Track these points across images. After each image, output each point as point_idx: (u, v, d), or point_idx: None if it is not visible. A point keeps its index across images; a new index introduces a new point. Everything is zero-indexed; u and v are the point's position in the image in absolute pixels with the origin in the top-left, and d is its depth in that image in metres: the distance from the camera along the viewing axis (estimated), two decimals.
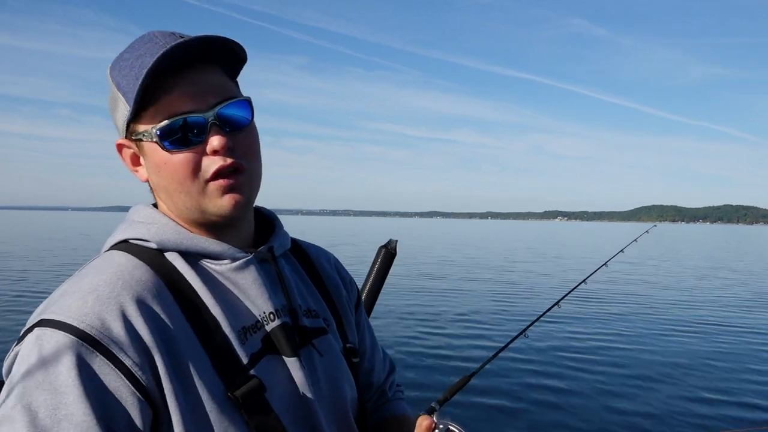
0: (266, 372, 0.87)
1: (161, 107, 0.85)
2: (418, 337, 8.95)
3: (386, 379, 1.25)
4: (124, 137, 0.91)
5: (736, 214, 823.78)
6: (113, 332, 0.76)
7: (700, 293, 15.06)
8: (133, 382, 0.75)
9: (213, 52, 0.87)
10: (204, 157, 0.86)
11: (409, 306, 11.96)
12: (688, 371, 7.24)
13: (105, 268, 0.84)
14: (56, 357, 0.73)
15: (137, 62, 0.85)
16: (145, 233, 0.90)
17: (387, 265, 1.97)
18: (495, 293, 14.35)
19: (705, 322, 10.74)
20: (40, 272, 16.57)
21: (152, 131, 0.85)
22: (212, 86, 0.87)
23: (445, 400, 2.07)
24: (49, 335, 0.75)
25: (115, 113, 0.90)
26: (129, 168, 0.94)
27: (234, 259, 0.91)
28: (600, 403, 5.98)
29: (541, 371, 7.07)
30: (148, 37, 0.88)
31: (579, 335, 9.19)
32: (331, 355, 1.00)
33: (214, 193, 0.87)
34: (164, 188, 0.89)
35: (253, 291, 0.91)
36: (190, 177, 0.86)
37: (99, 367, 0.74)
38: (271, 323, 0.92)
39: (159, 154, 0.86)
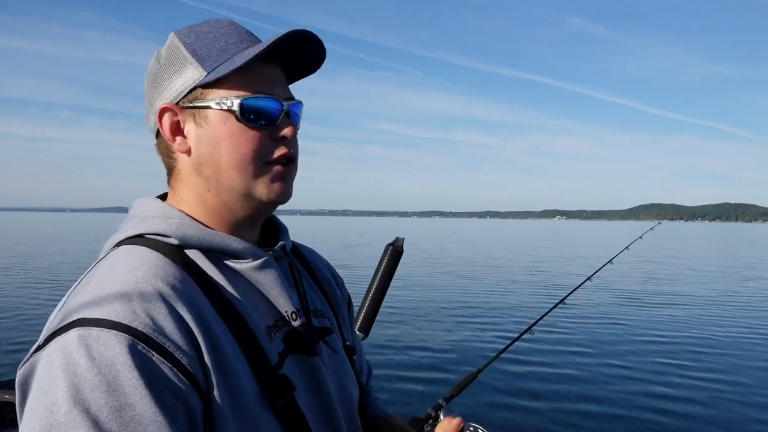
0: (292, 371, 0.87)
1: (245, 82, 0.86)
2: (424, 334, 8.96)
3: (368, 382, 1.26)
4: (174, 103, 0.88)
5: (735, 212, 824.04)
6: (165, 330, 0.73)
7: (705, 290, 15.04)
8: (189, 379, 0.73)
9: (285, 55, 0.91)
10: (271, 141, 0.88)
11: (415, 303, 11.96)
12: (696, 367, 7.22)
13: (136, 263, 0.79)
14: (111, 357, 0.68)
15: (222, 38, 0.88)
16: (165, 228, 0.86)
17: (394, 262, 1.97)
18: (500, 291, 14.36)
19: (712, 318, 10.74)
20: (38, 275, 16.53)
21: (233, 100, 0.85)
22: (284, 82, 0.93)
23: (452, 397, 2.08)
24: (95, 335, 0.69)
25: (174, 77, 0.88)
26: (165, 136, 0.89)
27: (255, 258, 0.90)
28: (607, 399, 5.97)
29: (547, 368, 7.06)
30: (228, 21, 0.92)
31: (585, 332, 9.19)
32: (339, 354, 1.02)
33: (269, 177, 0.88)
34: (215, 162, 0.87)
35: (274, 290, 0.91)
36: (254, 154, 0.86)
37: (158, 365, 0.71)
38: (293, 322, 0.91)
39: (227, 125, 0.86)
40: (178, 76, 0.88)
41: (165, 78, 0.89)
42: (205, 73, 0.86)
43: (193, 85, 0.86)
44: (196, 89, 0.87)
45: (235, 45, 0.87)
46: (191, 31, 0.90)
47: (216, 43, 0.88)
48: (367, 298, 1.96)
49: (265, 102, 0.86)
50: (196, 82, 0.86)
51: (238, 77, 0.86)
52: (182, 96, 0.88)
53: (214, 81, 0.85)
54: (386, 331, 8.94)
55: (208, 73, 0.86)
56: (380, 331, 8.71)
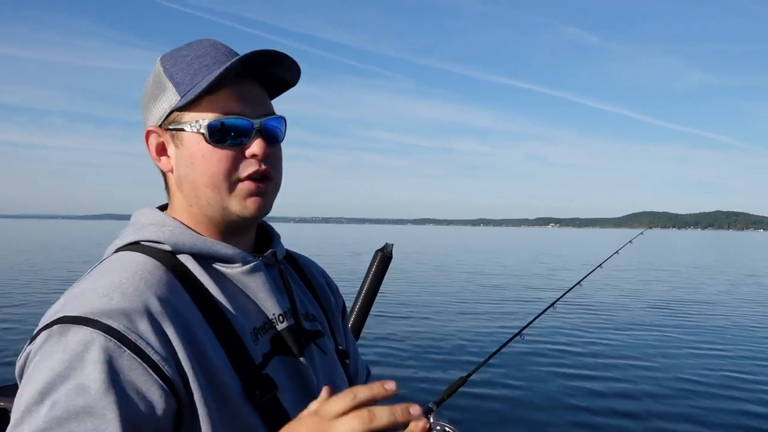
0: (277, 372, 0.91)
1: (214, 104, 0.90)
2: (414, 339, 8.98)
3: (366, 383, 1.29)
4: (157, 125, 0.94)
5: (727, 220, 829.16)
6: (140, 328, 0.77)
7: (695, 295, 15.12)
8: (160, 376, 0.77)
9: (264, 71, 0.94)
10: (242, 159, 0.91)
11: (406, 309, 12.00)
12: (684, 372, 7.26)
13: (125, 267, 0.85)
14: (82, 352, 0.74)
15: (197, 60, 0.92)
16: (159, 235, 0.92)
17: (383, 268, 1.99)
18: (491, 296, 14.44)
19: (699, 323, 10.81)
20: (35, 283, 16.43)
21: (201, 123, 0.89)
22: (260, 98, 0.95)
23: (442, 401, 2.08)
24: (74, 331, 0.75)
25: (157, 101, 0.94)
26: (152, 156, 0.96)
27: (244, 263, 0.94)
28: (595, 404, 6.01)
29: (537, 372, 7.10)
30: (208, 42, 0.96)
31: (575, 336, 9.25)
32: (330, 356, 1.05)
33: (241, 194, 0.91)
34: (192, 181, 0.92)
35: (262, 294, 0.95)
36: (224, 174, 0.90)
37: (127, 361, 0.75)
38: (280, 325, 0.95)
39: (199, 146, 0.90)
40: (159, 101, 0.94)
41: (151, 102, 0.95)
42: (179, 97, 0.91)
43: (170, 110, 0.92)
44: (173, 113, 0.92)
45: (207, 67, 0.91)
46: (172, 56, 0.95)
47: (191, 66, 0.92)
48: (356, 303, 1.97)
49: (233, 122, 0.90)
50: (172, 106, 0.91)
51: (207, 99, 0.90)
52: (163, 119, 0.93)
53: (187, 104, 0.90)
54: (376, 335, 8.95)
55: (181, 97, 0.91)
56: (370, 336, 8.71)
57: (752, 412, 5.94)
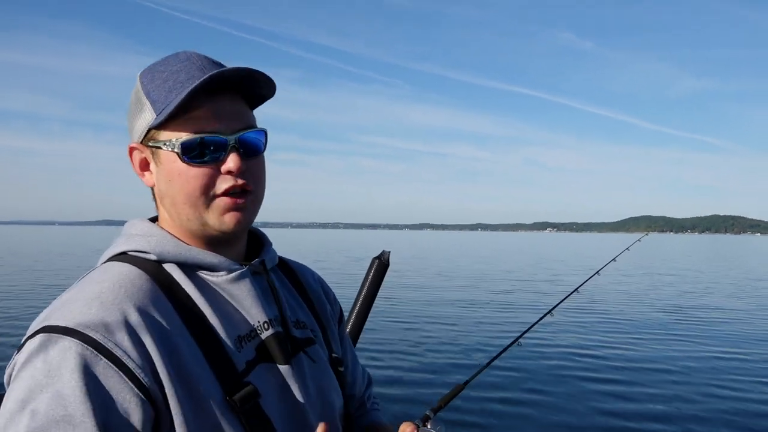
0: (261, 379, 0.91)
1: (188, 122, 0.90)
2: (411, 347, 8.96)
3: (365, 392, 1.30)
4: (139, 142, 0.95)
5: (724, 223, 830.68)
6: (116, 337, 0.79)
7: (692, 301, 15.11)
8: (136, 384, 0.78)
9: (243, 83, 0.94)
10: (218, 175, 0.91)
11: (403, 315, 11.97)
12: (682, 379, 7.26)
13: (107, 277, 0.87)
14: (60, 361, 0.76)
15: (172, 77, 0.92)
16: (144, 245, 0.93)
17: (380, 276, 1.98)
18: (488, 302, 14.39)
19: (698, 328, 10.79)
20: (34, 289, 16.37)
21: (175, 142, 0.90)
22: (237, 113, 0.93)
23: (439, 409, 2.07)
24: (53, 340, 0.78)
25: (136, 118, 0.95)
26: (136, 171, 0.97)
27: (229, 271, 0.95)
28: (593, 411, 5.99)
29: (534, 379, 7.08)
30: (185, 56, 0.94)
31: (572, 343, 9.22)
32: (320, 364, 1.05)
33: (218, 209, 0.92)
34: (171, 197, 0.93)
35: (247, 301, 0.95)
36: (201, 190, 0.91)
37: (103, 369, 0.77)
38: (264, 332, 0.95)
39: (175, 164, 0.91)
40: (139, 118, 0.94)
41: (132, 119, 0.96)
42: (155, 115, 0.91)
43: (148, 128, 0.92)
44: (151, 130, 0.93)
45: (181, 84, 0.90)
46: (150, 71, 0.95)
47: (166, 83, 0.92)
48: (353, 311, 1.96)
49: (207, 139, 0.90)
50: (149, 124, 0.92)
51: (181, 117, 0.89)
52: (143, 136, 0.94)
53: (162, 122, 0.90)
54: (373, 343, 8.92)
55: (156, 116, 0.91)
56: (367, 343, 8.69)
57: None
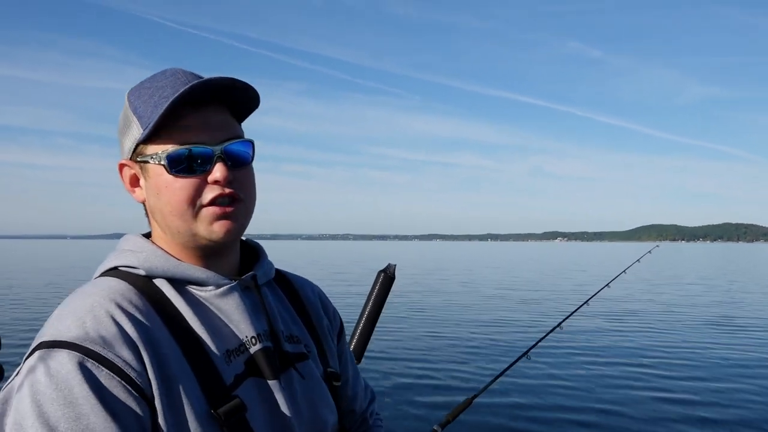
0: (248, 393, 0.91)
1: (174, 135, 0.91)
2: (419, 359, 8.89)
3: (367, 408, 1.28)
4: (128, 158, 0.97)
5: (736, 232, 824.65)
6: (114, 347, 0.80)
7: (705, 314, 14.95)
8: (137, 390, 0.80)
9: (228, 94, 0.95)
10: (205, 185, 0.92)
11: (411, 328, 11.89)
12: (698, 392, 7.14)
13: (96, 291, 0.88)
14: (66, 373, 0.77)
15: (157, 92, 0.93)
16: (134, 261, 0.94)
17: (386, 289, 1.96)
18: (497, 314, 14.25)
19: (717, 342, 10.65)
20: (43, 304, 16.48)
21: (161, 155, 0.91)
22: (222, 124, 0.95)
23: (447, 423, 2.06)
24: (53, 355, 0.78)
25: (126, 135, 0.97)
26: (126, 188, 0.99)
27: (218, 286, 0.96)
28: (605, 424, 5.89)
29: (544, 394, 6.97)
30: (171, 72, 0.96)
31: (582, 356, 9.10)
32: (312, 379, 1.04)
33: (207, 219, 0.92)
34: (160, 210, 0.94)
35: (235, 316, 0.96)
36: (188, 201, 0.92)
37: (106, 379, 0.78)
38: (253, 347, 0.96)
39: (162, 177, 0.92)
40: (127, 134, 0.96)
41: (121, 136, 0.98)
42: (142, 130, 0.93)
43: (135, 143, 0.94)
44: (138, 146, 0.94)
45: (165, 99, 0.91)
46: (138, 89, 0.97)
47: (152, 98, 0.93)
48: (359, 324, 1.94)
49: (193, 151, 0.91)
50: (137, 139, 0.94)
51: (167, 130, 0.91)
52: (131, 152, 0.96)
53: (149, 137, 0.92)
54: (380, 356, 8.87)
55: (143, 130, 0.92)
56: (374, 357, 8.64)
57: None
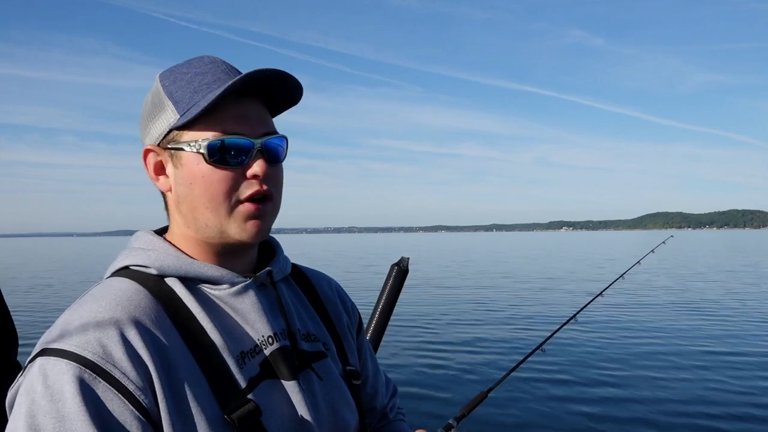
0: (264, 396, 0.88)
1: (214, 124, 0.88)
2: (433, 354, 8.89)
3: (389, 403, 1.25)
4: (155, 144, 0.93)
5: (743, 218, 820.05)
6: (114, 358, 0.77)
7: (726, 300, 14.86)
8: (136, 406, 0.77)
9: (266, 88, 0.92)
10: (243, 180, 0.89)
11: (423, 320, 11.89)
12: (714, 384, 7.11)
13: (104, 295, 0.85)
14: (60, 385, 0.75)
15: (197, 78, 0.90)
16: (145, 259, 0.91)
17: (399, 282, 1.95)
18: (510, 307, 14.20)
19: (734, 330, 10.62)
20: (50, 301, 16.56)
21: (201, 143, 0.88)
22: (261, 118, 0.92)
23: (462, 417, 2.04)
24: (52, 364, 0.76)
25: (155, 119, 0.93)
26: (149, 175, 0.95)
27: (232, 284, 0.92)
28: (621, 418, 5.87)
29: (559, 387, 6.96)
30: (209, 59, 0.94)
31: (598, 348, 9.06)
32: (331, 379, 1.01)
33: (241, 216, 0.89)
34: (190, 202, 0.90)
35: (251, 315, 0.92)
36: (225, 194, 0.88)
37: (102, 392, 0.76)
38: (269, 347, 0.92)
39: (199, 166, 0.88)
40: (158, 119, 0.92)
41: (149, 120, 0.94)
42: (178, 116, 0.89)
43: (169, 128, 0.90)
44: (172, 132, 0.90)
45: (207, 85, 0.89)
46: (172, 73, 0.94)
47: (191, 84, 0.91)
48: (373, 318, 1.93)
49: (234, 141, 0.88)
50: (171, 125, 0.90)
51: (207, 118, 0.88)
52: (162, 138, 0.92)
53: (186, 123, 0.88)
54: (394, 350, 8.88)
55: (180, 116, 0.89)
56: (388, 351, 8.65)
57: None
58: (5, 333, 1.49)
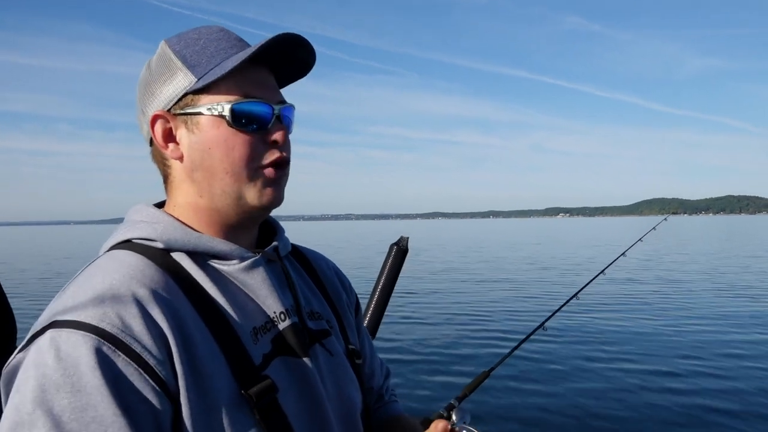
0: (278, 373, 0.87)
1: (234, 87, 0.87)
2: (434, 335, 8.93)
3: (383, 384, 1.26)
4: (165, 110, 0.89)
5: (738, 204, 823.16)
6: (134, 330, 0.74)
7: (718, 283, 14.92)
8: (156, 381, 0.73)
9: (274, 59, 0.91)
10: (263, 145, 0.89)
11: (424, 304, 11.96)
12: (711, 362, 7.15)
13: (115, 267, 0.81)
14: (77, 357, 0.70)
15: (212, 44, 0.89)
16: (150, 232, 0.88)
17: (399, 262, 1.93)
18: (511, 288, 14.32)
19: (732, 310, 10.66)
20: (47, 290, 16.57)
21: (224, 105, 0.86)
22: (276, 86, 0.93)
23: (464, 397, 2.03)
24: (65, 336, 0.71)
25: (164, 84, 0.90)
26: (157, 143, 0.91)
27: (242, 259, 0.90)
28: (622, 396, 5.91)
29: (561, 365, 7.00)
30: (218, 28, 0.93)
31: (599, 327, 9.12)
32: (337, 357, 1.00)
33: (261, 182, 0.88)
34: (208, 167, 0.88)
35: (262, 291, 0.90)
36: (247, 159, 0.87)
37: (123, 366, 0.72)
38: (281, 323, 0.91)
39: (220, 130, 0.86)
40: (168, 84, 0.89)
41: (156, 86, 0.90)
42: (195, 79, 0.87)
43: (184, 92, 0.88)
44: (187, 96, 0.88)
45: (224, 51, 0.88)
46: (181, 39, 0.91)
47: (206, 49, 0.89)
48: (372, 298, 1.92)
49: (256, 106, 0.87)
50: (187, 88, 0.87)
51: (228, 82, 0.87)
52: (173, 103, 0.89)
53: (205, 87, 0.86)
54: (395, 331, 8.92)
55: (198, 79, 0.87)
56: (388, 332, 8.69)
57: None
58: (4, 321, 1.47)
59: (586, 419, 5.37)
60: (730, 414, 5.40)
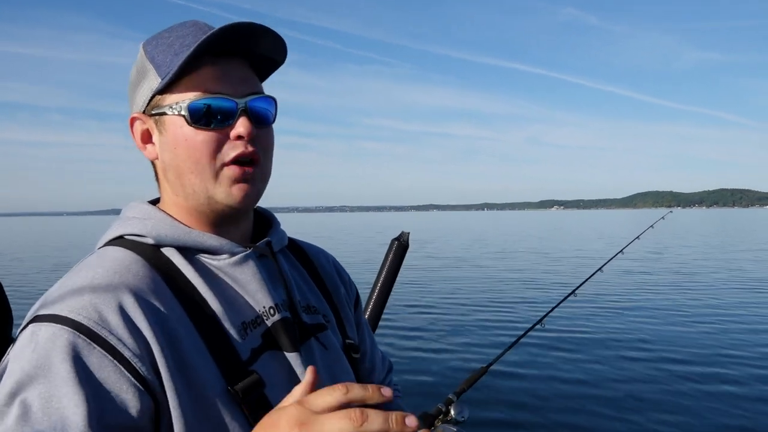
0: (267, 367, 0.87)
1: (195, 84, 0.85)
2: (433, 330, 8.94)
3: (385, 379, 1.25)
4: (141, 112, 0.91)
5: (732, 197, 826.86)
6: (111, 324, 0.75)
7: (720, 277, 14.96)
8: (133, 374, 0.74)
9: (250, 49, 0.89)
10: (226, 141, 0.87)
11: (422, 298, 11.95)
12: (713, 360, 7.16)
13: (100, 263, 0.83)
14: (51, 349, 0.72)
15: (178, 41, 0.87)
16: (141, 228, 0.89)
17: (400, 257, 1.95)
18: (508, 284, 14.28)
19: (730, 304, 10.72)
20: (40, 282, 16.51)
21: (182, 104, 0.85)
22: (245, 78, 0.90)
23: (462, 392, 2.05)
24: (44, 330, 0.74)
25: (140, 86, 0.91)
26: (137, 144, 0.93)
27: (232, 254, 0.90)
28: (621, 393, 5.92)
29: (559, 361, 7.01)
30: (192, 23, 0.91)
31: (597, 323, 9.12)
32: (332, 351, 1.00)
33: (227, 180, 0.87)
34: (176, 168, 0.88)
35: (252, 286, 0.91)
36: (208, 157, 0.86)
37: (97, 358, 0.73)
38: (271, 318, 0.91)
39: (181, 129, 0.86)
40: (142, 86, 0.90)
41: (135, 88, 0.92)
42: (159, 79, 0.87)
43: (152, 93, 0.88)
44: (155, 96, 0.88)
45: (187, 47, 0.85)
46: (155, 39, 0.92)
47: (171, 47, 0.88)
48: (373, 294, 1.93)
49: (215, 101, 0.85)
50: (154, 89, 0.88)
51: (187, 80, 0.86)
52: (146, 104, 0.90)
53: (168, 86, 0.86)
54: (394, 326, 8.92)
55: (162, 79, 0.86)
56: (388, 327, 8.69)
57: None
58: (0, 310, 1.47)
59: (584, 414, 5.39)
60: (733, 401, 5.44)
